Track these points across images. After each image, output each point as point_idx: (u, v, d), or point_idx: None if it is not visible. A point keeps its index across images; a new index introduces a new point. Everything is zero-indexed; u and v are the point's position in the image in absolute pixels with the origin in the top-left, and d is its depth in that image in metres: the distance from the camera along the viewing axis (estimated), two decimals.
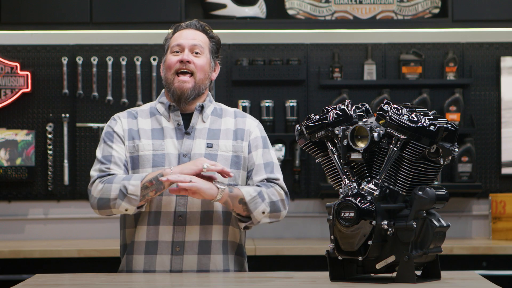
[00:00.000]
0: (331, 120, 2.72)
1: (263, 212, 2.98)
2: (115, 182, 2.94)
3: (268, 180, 3.05)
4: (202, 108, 3.09)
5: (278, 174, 3.08)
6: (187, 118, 3.08)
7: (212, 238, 3.00)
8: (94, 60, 5.43)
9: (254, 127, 3.13)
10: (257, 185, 3.03)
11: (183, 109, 3.09)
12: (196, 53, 3.06)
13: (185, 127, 3.07)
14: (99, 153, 3.06)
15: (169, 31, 3.15)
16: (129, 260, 3.03)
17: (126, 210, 2.94)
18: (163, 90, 3.16)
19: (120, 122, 3.10)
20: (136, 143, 3.04)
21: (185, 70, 3.04)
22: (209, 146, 3.04)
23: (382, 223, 2.60)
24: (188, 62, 3.04)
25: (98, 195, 2.96)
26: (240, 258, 3.10)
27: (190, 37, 3.08)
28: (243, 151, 3.07)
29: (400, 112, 2.62)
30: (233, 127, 3.10)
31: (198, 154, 3.01)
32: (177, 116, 3.07)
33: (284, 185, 3.07)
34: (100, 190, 2.95)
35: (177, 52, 3.07)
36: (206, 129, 3.07)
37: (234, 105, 5.34)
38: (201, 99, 3.11)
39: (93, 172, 3.02)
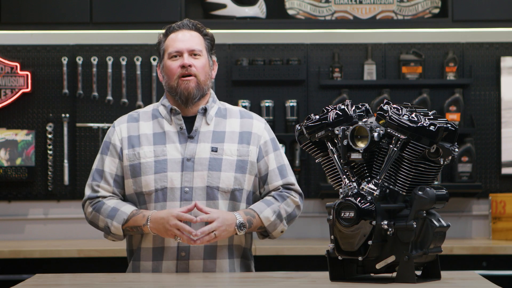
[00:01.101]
0: (331, 120, 2.72)
1: (282, 231, 3.09)
2: (102, 214, 3.03)
3: (284, 186, 3.10)
4: (205, 110, 3.08)
5: (292, 177, 3.13)
6: (189, 121, 3.06)
7: (218, 243, 3.00)
8: (94, 60, 5.43)
9: (262, 130, 3.12)
10: (274, 197, 3.07)
11: (186, 112, 3.07)
12: (195, 55, 3.06)
13: (188, 131, 3.05)
14: (95, 163, 3.11)
15: (161, 31, 3.11)
16: (136, 266, 3.04)
17: (113, 241, 3.08)
18: (165, 93, 3.13)
19: (118, 130, 3.09)
20: (136, 150, 3.03)
21: (188, 74, 3.03)
22: (214, 150, 3.02)
23: (382, 223, 2.60)
24: (190, 66, 3.03)
25: (89, 218, 3.09)
26: (246, 261, 3.10)
27: (186, 39, 3.05)
28: (249, 155, 3.06)
29: (400, 112, 2.62)
30: (238, 129, 3.09)
31: (202, 158, 3.00)
32: (179, 120, 3.05)
33: (298, 187, 3.14)
34: (90, 214, 3.07)
35: (175, 57, 3.05)
36: (210, 132, 3.05)
37: (234, 105, 5.33)
38: (204, 100, 3.09)
39: (86, 188, 3.10)
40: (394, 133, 2.61)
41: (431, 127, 2.58)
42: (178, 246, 2.98)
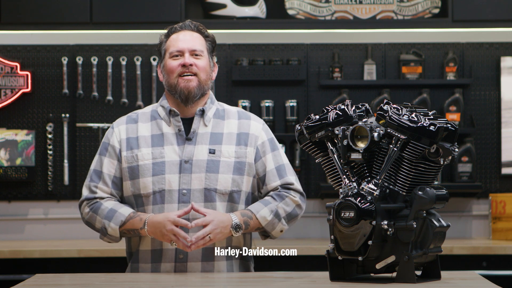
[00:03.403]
0: (331, 120, 2.72)
1: (281, 231, 3.08)
2: (99, 215, 3.02)
3: (283, 186, 3.09)
4: (202, 112, 3.08)
5: (291, 176, 3.12)
6: (188, 123, 3.06)
7: (215, 244, 3.00)
8: (94, 60, 5.43)
9: (259, 131, 3.11)
10: (272, 196, 3.06)
11: (184, 113, 3.07)
12: (196, 55, 3.06)
13: (186, 132, 3.05)
14: (93, 163, 3.11)
15: (163, 31, 3.11)
16: (134, 268, 3.04)
17: (109, 242, 3.06)
18: (164, 93, 3.14)
19: (117, 132, 3.09)
20: (135, 153, 3.04)
21: (188, 73, 3.04)
22: (212, 152, 3.02)
23: (382, 223, 2.60)
24: (191, 65, 3.03)
25: (86, 218, 3.07)
26: (245, 262, 3.11)
27: (188, 39, 3.06)
28: (247, 156, 3.05)
29: (400, 112, 2.62)
30: (236, 130, 3.08)
31: (200, 160, 3.00)
32: (178, 122, 3.05)
33: (299, 187, 3.13)
34: (87, 214, 3.06)
35: (176, 56, 3.05)
36: (208, 133, 3.05)
37: (234, 105, 5.33)
38: (203, 101, 3.09)
39: (84, 189, 3.10)
40: (394, 133, 2.61)
41: (431, 127, 2.58)
42: (176, 248, 2.98)
